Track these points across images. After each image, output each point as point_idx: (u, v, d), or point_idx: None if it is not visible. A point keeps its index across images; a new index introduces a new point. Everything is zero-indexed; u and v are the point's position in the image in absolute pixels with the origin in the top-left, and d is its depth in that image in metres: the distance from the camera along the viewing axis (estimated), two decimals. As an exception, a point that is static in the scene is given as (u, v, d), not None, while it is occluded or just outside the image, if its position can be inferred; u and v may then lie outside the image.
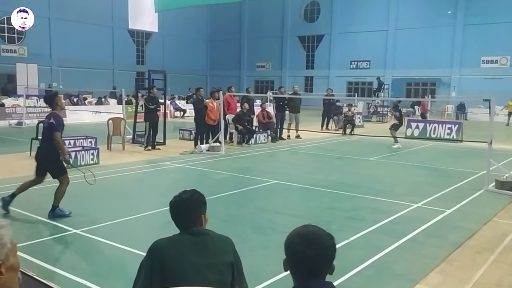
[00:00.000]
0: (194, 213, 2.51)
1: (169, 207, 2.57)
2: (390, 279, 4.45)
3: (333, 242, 1.76)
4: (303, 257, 1.69)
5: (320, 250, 1.70)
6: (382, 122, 26.09)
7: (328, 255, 1.72)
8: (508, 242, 5.51)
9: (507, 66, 31.00)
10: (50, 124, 6.19)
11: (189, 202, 2.54)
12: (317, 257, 1.69)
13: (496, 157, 9.29)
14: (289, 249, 1.74)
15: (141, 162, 10.96)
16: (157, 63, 36.41)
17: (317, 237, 1.73)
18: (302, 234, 1.74)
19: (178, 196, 2.59)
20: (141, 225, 6.07)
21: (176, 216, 2.53)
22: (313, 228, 1.79)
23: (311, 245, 1.69)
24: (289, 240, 1.75)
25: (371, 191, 8.08)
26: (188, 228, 2.47)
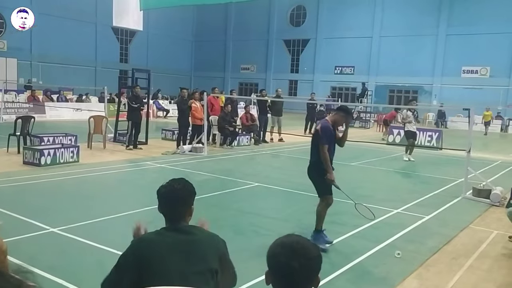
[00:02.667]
0: (186, 204, 2.42)
1: (158, 196, 2.43)
2: (368, 283, 4.50)
3: (318, 253, 1.64)
4: (287, 269, 1.57)
5: (305, 261, 1.58)
6: (365, 128, 26.39)
7: (314, 266, 1.61)
8: (483, 249, 5.63)
9: (487, 77, 31.69)
10: (316, 132, 5.60)
11: (182, 193, 2.43)
12: (302, 269, 1.57)
13: (474, 165, 9.48)
14: (272, 260, 1.61)
15: (122, 161, 10.84)
16: (141, 62, 36.07)
17: (302, 248, 1.61)
18: (286, 245, 1.62)
19: (169, 186, 2.45)
20: (120, 225, 5.99)
21: (166, 207, 2.40)
22: (297, 238, 1.67)
23: (295, 256, 1.57)
24: (272, 251, 1.63)
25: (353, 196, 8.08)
26: (176, 221, 2.37)
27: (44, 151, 9.56)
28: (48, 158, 9.56)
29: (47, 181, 8.30)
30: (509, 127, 28.66)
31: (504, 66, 30.76)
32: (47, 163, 9.50)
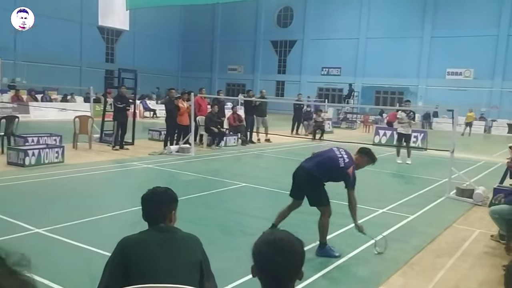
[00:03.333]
0: (166, 208, 2.52)
1: (142, 200, 2.56)
2: (354, 281, 4.55)
3: (302, 248, 1.69)
4: (272, 265, 1.61)
5: (290, 256, 1.63)
6: (352, 128, 26.60)
7: (298, 261, 1.65)
8: (466, 247, 5.73)
9: (471, 79, 32.20)
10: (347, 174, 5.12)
11: (163, 196, 2.56)
12: (286, 264, 1.61)
13: (458, 165, 9.62)
14: (257, 256, 1.66)
15: (109, 161, 10.77)
16: (127, 61, 35.82)
17: (286, 244, 1.65)
18: (270, 241, 1.66)
19: (152, 190, 2.60)
20: (106, 225, 5.96)
21: (148, 209, 2.53)
22: (281, 233, 1.71)
23: (280, 252, 1.61)
24: (257, 247, 1.67)
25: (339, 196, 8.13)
26: (157, 224, 2.47)
27: (28, 152, 9.45)
28: (32, 159, 9.45)
29: (32, 182, 8.21)
30: (492, 128, 29.14)
31: (487, 68, 31.29)
32: (32, 163, 9.39)
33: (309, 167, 5.24)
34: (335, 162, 5.14)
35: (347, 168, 5.12)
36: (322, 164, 5.19)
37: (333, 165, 5.14)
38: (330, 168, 5.16)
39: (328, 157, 5.23)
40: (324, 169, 5.17)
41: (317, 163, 5.24)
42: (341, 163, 5.12)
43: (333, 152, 5.27)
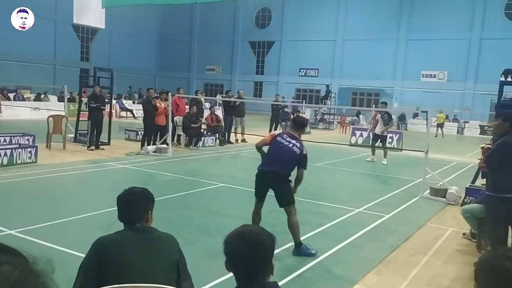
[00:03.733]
0: (143, 208, 2.51)
1: (118, 200, 2.54)
2: (330, 280, 4.60)
3: (270, 240, 1.74)
4: (238, 255, 1.68)
5: (255, 247, 1.68)
6: (329, 129, 26.86)
7: (264, 252, 1.70)
8: (439, 245, 5.87)
9: (444, 81, 32.96)
10: (304, 156, 5.30)
11: (140, 196, 2.55)
12: (252, 254, 1.67)
13: (432, 166, 9.84)
14: (225, 247, 1.73)
15: (84, 162, 10.59)
16: (103, 60, 35.26)
17: (252, 235, 1.72)
18: (238, 232, 1.75)
19: (129, 190, 2.59)
20: (81, 226, 5.86)
21: (124, 209, 2.51)
22: (250, 227, 1.81)
23: (245, 242, 1.69)
24: (226, 240, 1.75)
25: (316, 196, 8.29)
26: (133, 224, 2.46)
27: (0, 151, 9.21)
28: (4, 159, 9.22)
29: (4, 182, 8.00)
30: (465, 129, 29.88)
31: (460, 71, 32.08)
32: (4, 163, 9.15)
33: (276, 170, 5.24)
34: (292, 154, 5.21)
35: (302, 151, 5.27)
36: (285, 161, 5.24)
37: (292, 157, 5.22)
38: (291, 161, 5.25)
39: (284, 152, 5.25)
40: (288, 165, 5.25)
41: (280, 163, 5.24)
42: (296, 150, 5.22)
43: (282, 144, 5.28)
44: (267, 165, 5.33)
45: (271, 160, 5.33)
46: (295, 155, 5.21)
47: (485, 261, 1.58)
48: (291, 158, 5.22)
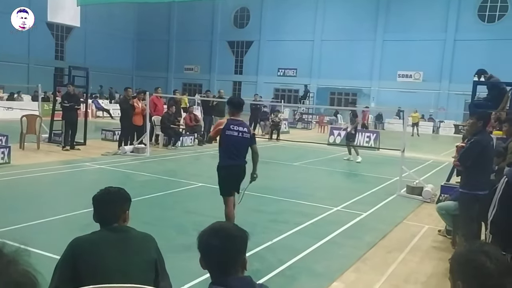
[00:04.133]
0: (120, 207, 2.48)
1: (93, 200, 2.50)
2: (309, 278, 4.62)
3: (240, 234, 1.77)
4: (210, 249, 1.72)
5: (225, 240, 1.72)
6: (307, 129, 27.03)
7: (235, 246, 1.74)
8: (415, 242, 5.97)
9: (420, 81, 33.57)
10: (253, 135, 5.69)
11: (117, 196, 2.51)
12: (223, 248, 1.70)
13: (408, 164, 10.01)
14: (198, 243, 1.77)
15: (58, 162, 10.38)
16: (78, 59, 34.64)
17: (223, 229, 1.78)
18: (211, 228, 1.80)
19: (105, 190, 2.55)
20: (56, 227, 5.73)
21: (100, 209, 2.47)
22: (223, 223, 1.85)
23: (216, 235, 1.73)
24: (199, 235, 1.79)
25: (295, 195, 8.33)
26: (110, 224, 2.43)
27: (-29, 152, 8.95)
28: (-25, 160, 8.95)
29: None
30: (440, 128, 30.50)
31: (435, 71, 32.74)
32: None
33: (242, 163, 5.53)
34: (246, 141, 5.49)
35: (250, 132, 5.62)
36: (243, 152, 5.53)
37: (247, 144, 5.52)
38: (247, 148, 5.55)
39: (240, 144, 5.47)
40: (245, 154, 5.57)
41: (241, 154, 5.51)
42: (247, 136, 5.49)
43: (235, 136, 5.44)
44: (232, 159, 5.51)
45: (231, 153, 5.49)
46: (247, 140, 5.49)
47: (460, 255, 1.61)
48: (246, 146, 5.52)
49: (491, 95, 8.01)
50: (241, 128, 5.47)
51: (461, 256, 1.59)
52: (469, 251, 1.58)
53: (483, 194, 4.87)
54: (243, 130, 5.47)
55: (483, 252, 1.54)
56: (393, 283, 4.56)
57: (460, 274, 1.57)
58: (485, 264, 1.50)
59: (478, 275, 1.51)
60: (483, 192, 4.87)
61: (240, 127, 5.47)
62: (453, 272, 1.61)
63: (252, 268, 4.72)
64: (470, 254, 1.56)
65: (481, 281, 1.51)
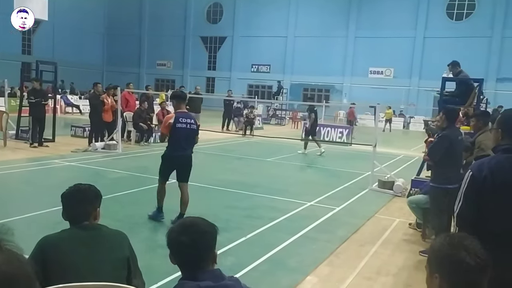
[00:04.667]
0: (90, 205, 2.42)
1: (62, 198, 2.43)
2: (283, 272, 4.64)
3: (209, 229, 1.78)
4: (178, 244, 1.73)
5: (195, 235, 1.72)
6: (281, 125, 27.13)
7: (204, 241, 1.74)
8: (387, 235, 6.08)
9: (391, 78, 34.20)
10: (198, 126, 6.13)
11: (87, 193, 2.45)
12: (192, 244, 1.71)
13: (380, 159, 10.17)
14: (167, 239, 1.77)
15: (26, 159, 10.08)
16: (46, 54, 33.63)
17: (192, 225, 1.77)
18: (179, 224, 1.81)
19: (74, 187, 2.48)
20: (23, 227, 5.56)
21: (69, 207, 2.40)
22: (192, 218, 1.83)
23: (185, 231, 1.73)
24: (168, 231, 1.79)
25: (269, 191, 8.35)
26: (80, 222, 2.37)
27: None
28: None
29: None
30: (410, 124, 31.16)
31: (405, 68, 33.41)
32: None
33: (189, 153, 6.01)
34: (193, 132, 5.93)
35: (196, 123, 6.05)
36: (191, 142, 6.02)
37: (194, 135, 5.98)
38: (194, 138, 6.04)
39: (189, 135, 5.89)
40: (193, 144, 6.08)
41: (189, 145, 6.00)
42: (194, 127, 5.91)
43: (184, 128, 5.82)
44: (180, 149, 5.91)
45: (181, 144, 5.89)
46: (194, 131, 5.97)
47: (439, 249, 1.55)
48: (194, 136, 6.00)
49: (459, 90, 8.22)
50: (189, 120, 5.86)
51: (440, 250, 1.55)
52: (449, 244, 1.54)
53: (452, 187, 4.97)
54: (191, 122, 5.86)
55: (463, 247, 1.50)
56: (366, 276, 4.63)
57: (438, 267, 1.53)
58: (465, 260, 1.47)
59: (456, 271, 1.48)
60: (452, 186, 4.97)
61: (188, 119, 5.87)
62: (431, 265, 1.57)
63: (226, 263, 4.71)
64: (449, 248, 1.52)
65: (460, 277, 1.48)
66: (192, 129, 5.86)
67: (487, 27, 31.14)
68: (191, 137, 5.94)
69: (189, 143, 5.95)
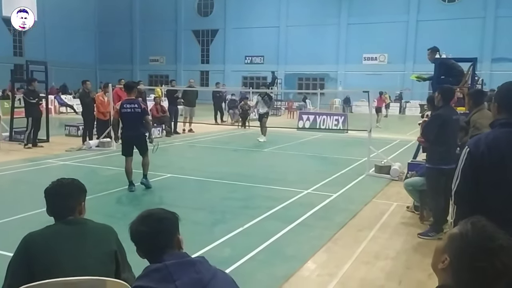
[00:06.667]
0: (75, 199, 2.38)
1: (46, 194, 2.38)
2: (281, 261, 4.59)
3: (168, 216, 1.83)
4: (138, 234, 1.78)
5: (153, 224, 1.78)
6: (276, 115, 27.02)
7: (164, 227, 1.79)
8: (384, 220, 6.03)
9: (385, 63, 34.07)
10: (144, 109, 7.34)
11: (71, 187, 2.41)
12: (152, 232, 1.76)
13: (376, 145, 10.13)
14: (130, 234, 1.83)
15: (20, 160, 9.98)
16: (38, 55, 33.34)
17: (149, 214, 1.83)
18: (138, 216, 1.85)
19: (57, 182, 2.45)
20: (16, 227, 5.48)
21: (54, 202, 2.35)
22: (151, 210, 1.88)
23: (143, 222, 1.79)
24: (129, 227, 1.85)
25: (265, 180, 8.31)
26: (64, 218, 2.32)
27: None
28: None
29: None
30: (406, 109, 31.09)
31: (400, 52, 33.27)
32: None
33: (139, 132, 7.23)
34: (138, 115, 7.09)
35: (141, 107, 7.22)
36: (138, 123, 7.16)
37: (139, 117, 7.14)
38: (140, 120, 7.17)
39: (133, 117, 7.07)
40: (140, 124, 7.19)
41: (136, 126, 7.12)
42: (138, 110, 7.09)
43: (128, 112, 7.05)
44: (129, 130, 7.19)
45: (129, 126, 7.15)
46: (139, 114, 7.12)
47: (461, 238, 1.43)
48: (139, 118, 7.14)
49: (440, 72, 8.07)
50: (133, 105, 7.08)
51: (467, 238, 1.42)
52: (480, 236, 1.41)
53: (448, 168, 4.93)
54: (134, 107, 7.07)
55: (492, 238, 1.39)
56: (364, 260, 4.59)
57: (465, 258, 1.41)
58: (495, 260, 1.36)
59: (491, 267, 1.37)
60: (448, 167, 4.93)
61: (132, 104, 7.09)
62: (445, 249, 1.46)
63: (224, 254, 4.67)
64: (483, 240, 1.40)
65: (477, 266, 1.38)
66: (135, 112, 7.06)
67: (480, 7, 30.97)
68: (136, 119, 7.10)
69: (135, 124, 7.10)
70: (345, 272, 4.30)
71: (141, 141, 7.25)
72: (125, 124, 7.21)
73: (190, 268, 1.67)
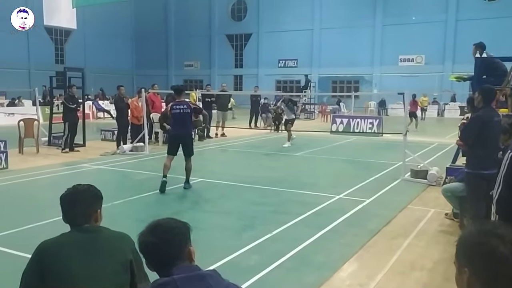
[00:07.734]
0: (90, 207, 2.31)
1: (61, 201, 2.33)
2: (310, 269, 4.43)
3: (178, 225, 1.74)
4: (147, 246, 1.71)
5: (163, 235, 1.69)
6: (310, 119, 26.77)
7: (174, 238, 1.70)
8: (421, 227, 5.75)
9: (422, 64, 33.12)
10: (193, 108, 7.69)
11: (86, 194, 2.35)
12: (160, 241, 1.68)
13: (412, 148, 9.77)
14: (138, 246, 1.76)
15: (57, 165, 10.25)
16: (78, 62, 34.48)
17: (159, 225, 1.74)
18: (147, 227, 1.77)
19: (72, 188, 2.38)
20: (48, 231, 5.53)
21: (69, 210, 2.29)
22: (160, 220, 1.79)
23: (152, 233, 1.71)
24: (137, 239, 1.77)
25: (296, 185, 8.15)
26: (80, 225, 2.25)
27: (-33, 159, 8.85)
28: (-28, 166, 8.84)
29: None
30: (445, 111, 30.08)
31: (437, 53, 32.26)
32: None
33: (187, 131, 7.67)
34: (187, 115, 7.48)
35: (190, 107, 7.61)
36: (189, 123, 7.63)
37: (189, 117, 7.54)
38: (190, 120, 7.59)
39: (183, 117, 7.45)
40: (189, 124, 7.65)
41: (184, 125, 7.53)
42: (187, 110, 7.47)
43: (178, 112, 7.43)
44: (177, 130, 7.58)
45: (177, 125, 7.54)
46: (188, 114, 7.53)
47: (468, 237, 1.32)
48: (188, 118, 7.56)
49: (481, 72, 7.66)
50: (182, 106, 7.49)
51: (469, 238, 1.31)
52: (479, 232, 1.30)
53: (488, 173, 4.63)
54: (184, 107, 7.48)
55: (496, 234, 1.26)
56: (399, 270, 4.36)
57: (467, 259, 1.29)
58: (498, 249, 1.23)
59: (489, 262, 1.24)
60: (489, 171, 4.63)
61: (181, 105, 7.50)
62: (460, 257, 1.32)
63: (250, 262, 4.55)
64: (480, 236, 1.28)
65: (492, 269, 1.23)
66: (185, 112, 7.44)
67: (523, 5, 29.62)
68: (186, 119, 7.49)
69: (184, 124, 7.49)
70: (378, 283, 4.09)
71: (187, 140, 7.60)
72: (174, 124, 7.60)
73: (200, 282, 1.59)
